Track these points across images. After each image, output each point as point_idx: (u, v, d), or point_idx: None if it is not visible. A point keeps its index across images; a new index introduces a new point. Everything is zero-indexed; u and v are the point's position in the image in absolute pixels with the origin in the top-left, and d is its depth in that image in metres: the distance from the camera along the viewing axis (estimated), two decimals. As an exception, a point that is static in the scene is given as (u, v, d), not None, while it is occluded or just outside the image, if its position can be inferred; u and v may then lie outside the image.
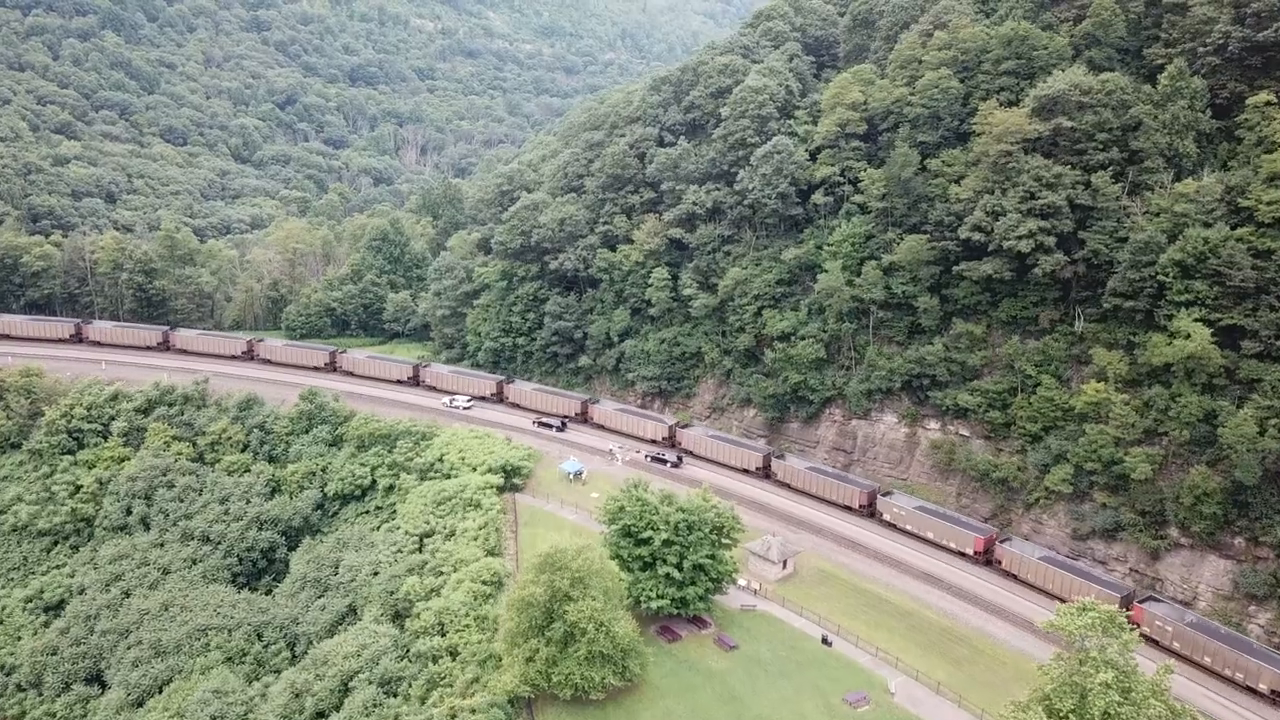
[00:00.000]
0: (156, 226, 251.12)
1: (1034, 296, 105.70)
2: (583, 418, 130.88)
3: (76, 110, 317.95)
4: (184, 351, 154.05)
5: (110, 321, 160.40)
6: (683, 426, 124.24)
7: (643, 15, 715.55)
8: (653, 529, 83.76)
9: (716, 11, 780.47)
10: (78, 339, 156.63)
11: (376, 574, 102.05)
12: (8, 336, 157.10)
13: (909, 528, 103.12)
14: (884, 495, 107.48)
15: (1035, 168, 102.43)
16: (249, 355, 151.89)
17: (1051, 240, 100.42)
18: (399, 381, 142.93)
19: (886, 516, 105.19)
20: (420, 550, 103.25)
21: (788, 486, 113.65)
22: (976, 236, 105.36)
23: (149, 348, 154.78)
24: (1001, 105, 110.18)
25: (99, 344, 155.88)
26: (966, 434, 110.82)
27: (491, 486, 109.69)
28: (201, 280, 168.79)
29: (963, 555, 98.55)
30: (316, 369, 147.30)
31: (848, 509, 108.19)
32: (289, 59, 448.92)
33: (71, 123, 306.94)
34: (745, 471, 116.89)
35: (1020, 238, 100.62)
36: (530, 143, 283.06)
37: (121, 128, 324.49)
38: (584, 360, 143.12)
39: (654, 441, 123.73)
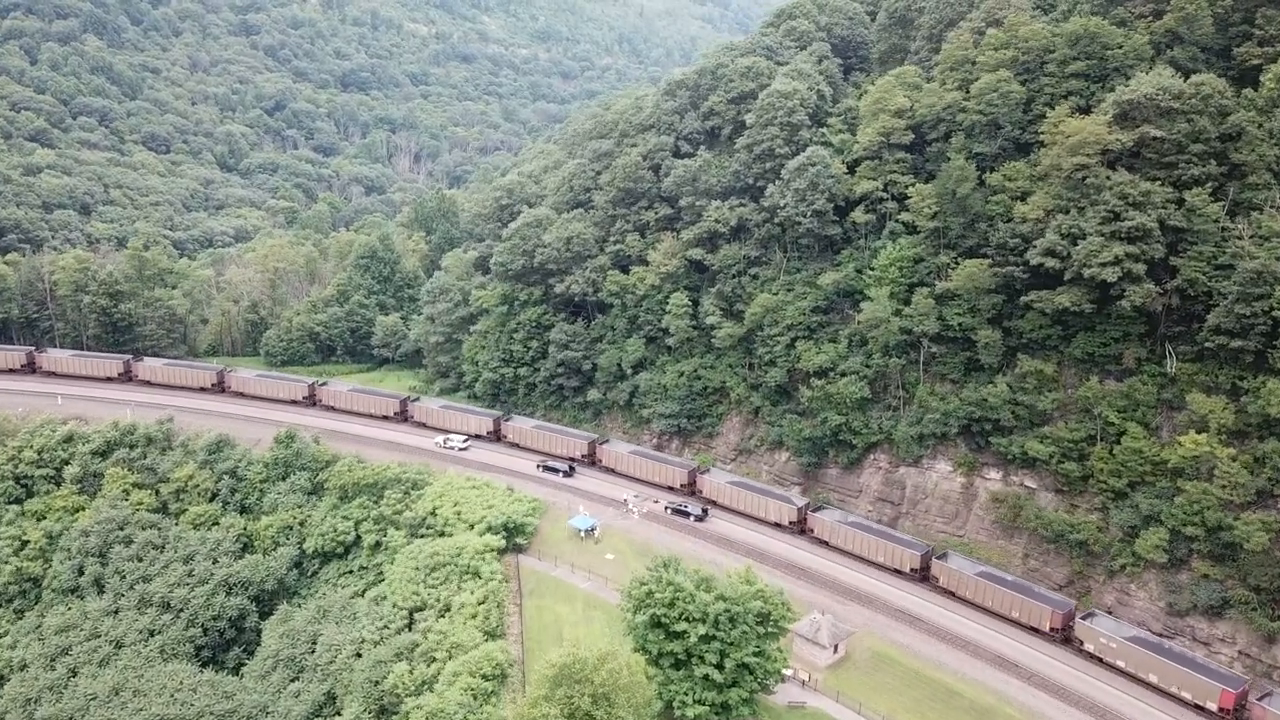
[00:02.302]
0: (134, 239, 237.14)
1: (1115, 331, 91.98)
2: (689, 489, 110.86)
3: (53, 117, 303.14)
4: (240, 394, 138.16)
5: (160, 360, 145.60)
6: (815, 509, 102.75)
7: (640, 20, 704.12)
8: (687, 620, 69.77)
9: (714, 16, 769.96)
10: (127, 377, 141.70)
11: (359, 655, 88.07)
12: (54, 374, 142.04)
13: (1121, 664, 79.74)
14: (1085, 618, 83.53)
15: (1120, 184, 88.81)
16: (310, 400, 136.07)
17: (1141, 268, 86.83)
18: (477, 435, 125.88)
19: (1089, 647, 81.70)
20: (410, 628, 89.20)
21: (951, 594, 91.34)
22: (1050, 262, 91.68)
23: (203, 389, 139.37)
24: (1072, 112, 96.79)
25: (149, 384, 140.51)
26: (1033, 486, 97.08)
27: (491, 550, 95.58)
28: (173, 302, 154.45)
29: (1199, 709, 75.80)
30: (386, 418, 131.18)
31: (1033, 630, 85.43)
32: (279, 64, 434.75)
33: (47, 130, 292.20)
34: (896, 572, 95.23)
35: (1105, 265, 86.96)
36: (529, 150, 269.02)
37: (100, 135, 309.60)
38: (593, 394, 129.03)
39: (777, 525, 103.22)
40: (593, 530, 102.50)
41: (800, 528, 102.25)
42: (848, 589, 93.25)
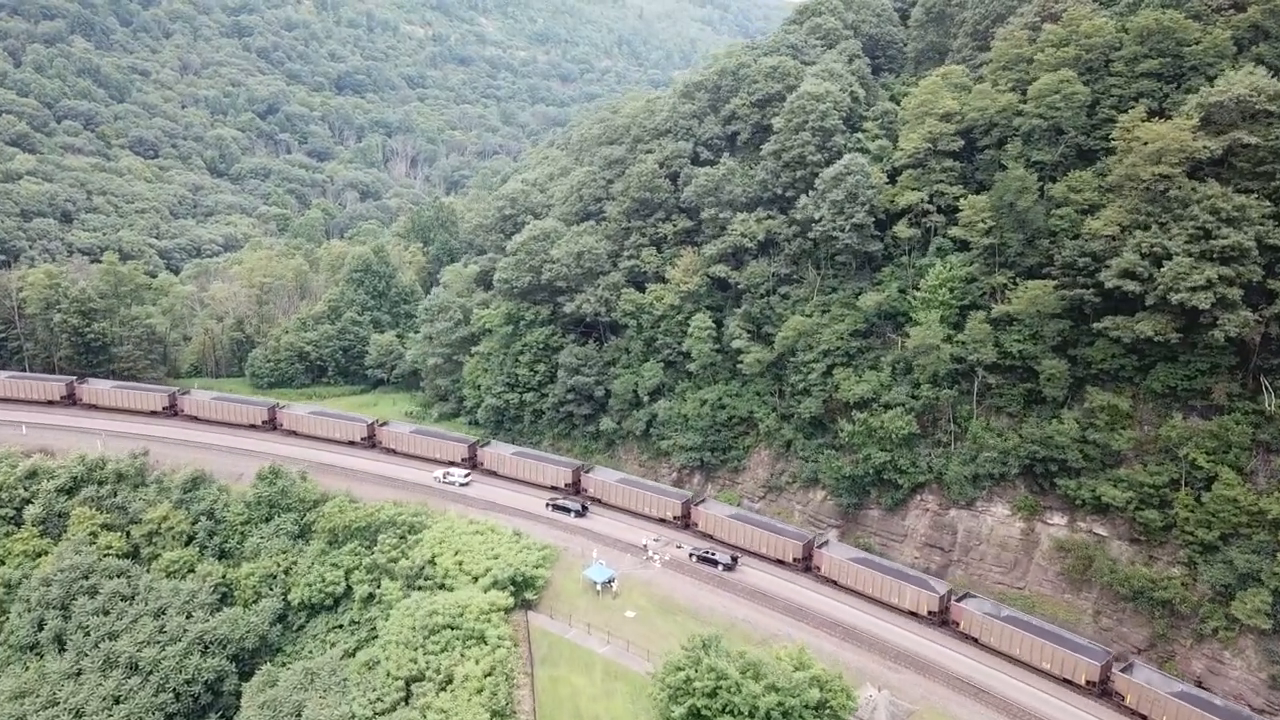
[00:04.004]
0: (116, 249, 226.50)
1: (1202, 363, 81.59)
2: (805, 564, 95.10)
3: (36, 121, 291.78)
4: (293, 433, 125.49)
5: (208, 394, 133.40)
6: (959, 599, 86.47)
7: (639, 22, 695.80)
8: (732, 714, 59.37)
9: (714, 19, 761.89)
10: (172, 412, 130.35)
11: (348, 734, 77.46)
12: (95, 407, 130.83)
13: None
14: None
15: (1210, 197, 78.59)
16: (369, 442, 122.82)
17: (1236, 293, 76.58)
18: (553, 488, 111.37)
19: None
20: (406, 701, 78.57)
21: (1142, 718, 74.25)
22: (1129, 285, 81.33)
23: (252, 427, 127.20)
24: (1148, 115, 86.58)
25: (195, 419, 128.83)
26: (1104, 534, 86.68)
27: (498, 609, 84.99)
28: (152, 321, 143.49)
29: None
30: (452, 464, 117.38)
31: None
32: (272, 66, 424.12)
33: (29, 134, 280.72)
34: (1066, 682, 78.18)
35: (1195, 289, 76.71)
36: (530, 155, 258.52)
37: (85, 139, 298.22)
38: (606, 423, 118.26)
39: (913, 614, 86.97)
40: (610, 583, 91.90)
41: (941, 618, 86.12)
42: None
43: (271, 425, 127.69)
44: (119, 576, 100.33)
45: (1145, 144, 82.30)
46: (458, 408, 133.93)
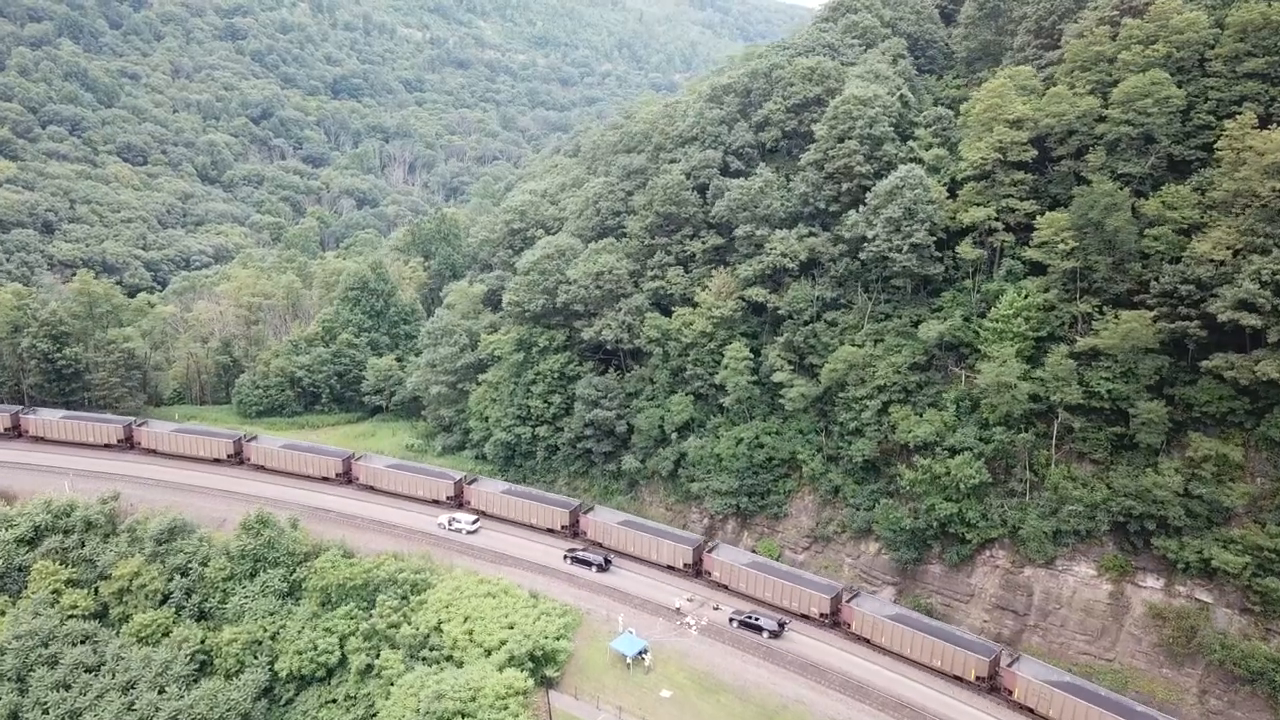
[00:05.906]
0: (100, 261, 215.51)
1: (1330, 407, 70.79)
2: (988, 683, 77.96)
3: (19, 126, 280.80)
4: (370, 488, 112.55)
5: (277, 441, 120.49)
6: None
7: (639, 25, 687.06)
8: None
9: (715, 22, 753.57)
10: (238, 460, 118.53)
11: (343, 847, 66.11)
12: (154, 451, 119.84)
13: None
14: None
15: (1346, 217, 67.76)
16: (457, 500, 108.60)
17: (1381, 329, 65.73)
18: (670, 567, 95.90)
19: None
20: (410, 808, 67.21)
21: None
22: (1246, 319, 70.38)
23: (325, 479, 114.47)
24: (1261, 123, 75.77)
25: (263, 468, 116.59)
26: (1207, 600, 75.67)
27: (515, 693, 73.61)
28: (130, 344, 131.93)
29: None
30: (551, 531, 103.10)
31: None
32: (266, 69, 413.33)
33: (11, 140, 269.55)
34: None
35: (1330, 325, 65.85)
36: (535, 163, 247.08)
37: (70, 145, 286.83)
38: (629, 462, 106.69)
39: None
40: (642, 654, 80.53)
41: None
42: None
43: (347, 478, 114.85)
44: (83, 643, 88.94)
45: (1261, 155, 71.58)
46: (463, 440, 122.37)
